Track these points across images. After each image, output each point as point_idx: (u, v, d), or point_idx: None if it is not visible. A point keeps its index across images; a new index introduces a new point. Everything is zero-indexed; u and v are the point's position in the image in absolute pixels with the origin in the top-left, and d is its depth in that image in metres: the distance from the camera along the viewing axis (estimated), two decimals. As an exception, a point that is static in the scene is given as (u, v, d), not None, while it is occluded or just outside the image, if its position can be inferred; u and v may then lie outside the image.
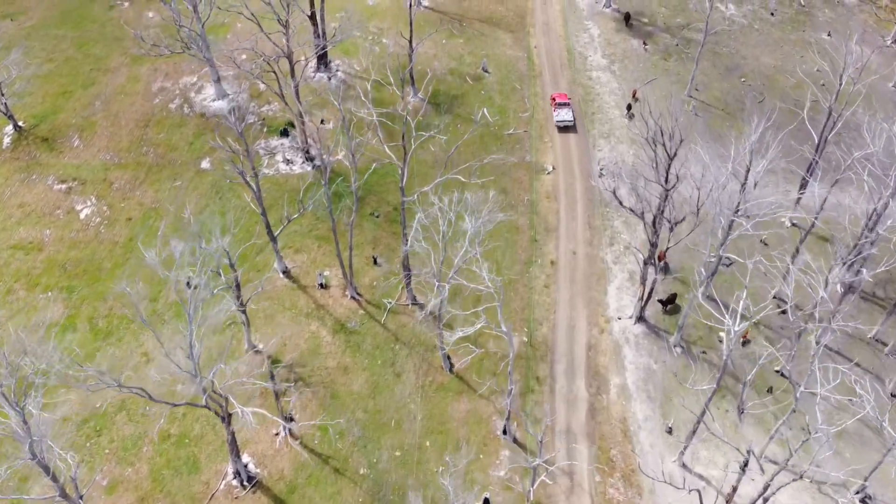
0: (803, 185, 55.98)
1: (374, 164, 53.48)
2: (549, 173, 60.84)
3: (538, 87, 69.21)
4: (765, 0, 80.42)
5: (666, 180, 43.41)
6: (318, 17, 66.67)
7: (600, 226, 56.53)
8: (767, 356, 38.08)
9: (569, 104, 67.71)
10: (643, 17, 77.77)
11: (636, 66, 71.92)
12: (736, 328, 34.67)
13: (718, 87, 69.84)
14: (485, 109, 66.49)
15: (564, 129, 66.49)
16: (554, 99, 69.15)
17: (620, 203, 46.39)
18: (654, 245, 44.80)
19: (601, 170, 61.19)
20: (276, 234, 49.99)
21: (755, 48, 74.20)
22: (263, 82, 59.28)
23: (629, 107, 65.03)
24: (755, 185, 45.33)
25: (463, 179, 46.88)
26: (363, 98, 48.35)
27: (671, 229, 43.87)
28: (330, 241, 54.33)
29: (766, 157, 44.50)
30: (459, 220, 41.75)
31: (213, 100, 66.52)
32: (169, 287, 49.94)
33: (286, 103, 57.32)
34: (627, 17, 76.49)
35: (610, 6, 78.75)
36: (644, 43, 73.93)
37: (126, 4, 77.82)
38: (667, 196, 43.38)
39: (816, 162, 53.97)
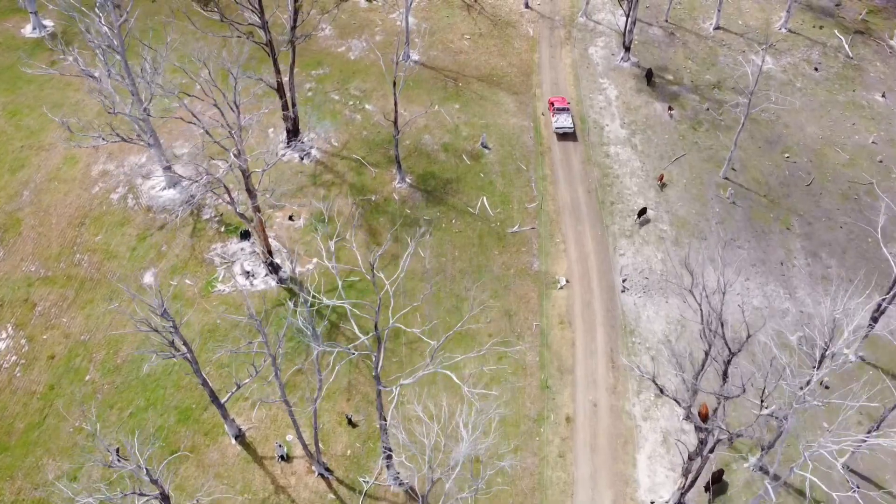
0: (875, 320, 45.76)
1: (345, 358, 43.03)
2: (561, 287, 50.66)
3: (547, 169, 58.82)
4: (807, 51, 69.81)
5: (724, 376, 33.20)
6: (285, 90, 56.20)
7: (625, 364, 46.48)
8: None
9: (568, 109, 61.59)
10: (667, 74, 67.23)
11: (661, 137, 61.51)
12: None
13: (758, 165, 59.48)
14: (484, 199, 56.31)
15: (563, 136, 61.16)
16: (552, 104, 61.64)
17: (662, 391, 36.14)
18: (703, 442, 34.73)
19: (624, 281, 51.05)
20: (223, 401, 39.98)
21: (799, 113, 63.72)
22: (215, 193, 49.01)
23: (642, 212, 54.27)
24: (832, 356, 35.11)
25: (457, 380, 36.43)
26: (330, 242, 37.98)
27: (730, 440, 33.66)
28: (297, 388, 44.39)
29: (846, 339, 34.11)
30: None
31: (164, 188, 56.22)
32: (92, 464, 40.01)
33: (243, 217, 46.98)
34: (650, 75, 65.96)
35: (629, 60, 68.16)
36: (669, 108, 63.45)
37: (70, 60, 66.96)
38: (725, 401, 33.16)
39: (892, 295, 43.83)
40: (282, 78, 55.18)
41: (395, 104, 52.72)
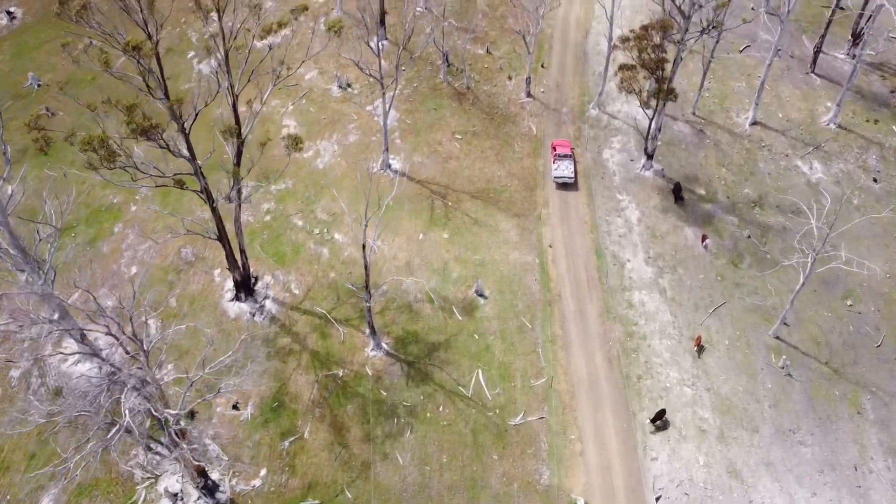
0: None
1: None
2: (580, 515, 39.64)
3: (556, 326, 47.65)
4: (862, 154, 58.74)
5: None
6: (230, 239, 44.87)
7: None
8: None
9: (570, 155, 56.26)
10: (698, 187, 56.08)
11: (695, 277, 50.41)
12: None
13: (815, 316, 48.49)
14: (479, 372, 45.21)
15: (563, 185, 55.87)
16: (555, 148, 56.93)
17: None
18: None
19: (658, 500, 40.04)
20: None
21: (859, 241, 52.61)
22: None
23: (660, 414, 42.65)
24: None
25: None
26: None
27: None
28: None
29: None
30: None
31: (78, 361, 44.93)
32: None
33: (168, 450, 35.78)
34: (678, 191, 54.81)
35: (651, 168, 56.99)
36: (704, 237, 52.34)
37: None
38: None
39: None
40: (224, 226, 43.88)
41: (367, 269, 41.40)
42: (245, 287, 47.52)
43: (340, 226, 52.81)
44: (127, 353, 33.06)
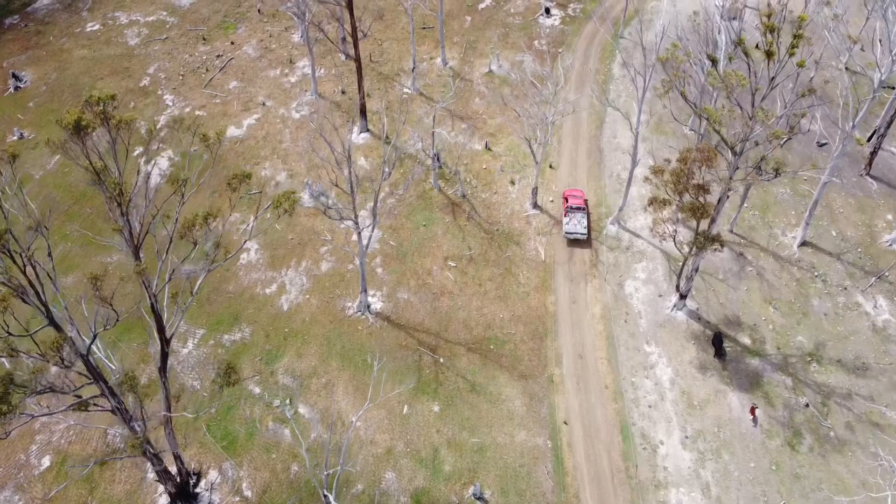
0: None
1: None
2: None
3: (576, 545, 37.94)
4: (934, 287, 49.18)
5: None
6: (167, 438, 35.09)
7: None
8: None
9: (583, 208, 50.40)
10: (741, 334, 46.41)
11: (744, 466, 40.77)
12: None
13: (896, 523, 38.97)
14: None
15: (575, 242, 50.35)
16: (566, 199, 51.14)
17: None
18: None
19: None
20: None
21: (940, 411, 43.15)
22: None
23: None
24: None
25: None
26: None
27: None
28: None
29: None
30: None
31: None
32: None
33: None
34: (718, 343, 45.09)
35: (684, 307, 47.33)
36: (753, 409, 42.71)
37: None
38: None
39: None
40: (150, 439, 34.01)
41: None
42: (183, 494, 37.69)
43: (308, 394, 43.01)
44: None
